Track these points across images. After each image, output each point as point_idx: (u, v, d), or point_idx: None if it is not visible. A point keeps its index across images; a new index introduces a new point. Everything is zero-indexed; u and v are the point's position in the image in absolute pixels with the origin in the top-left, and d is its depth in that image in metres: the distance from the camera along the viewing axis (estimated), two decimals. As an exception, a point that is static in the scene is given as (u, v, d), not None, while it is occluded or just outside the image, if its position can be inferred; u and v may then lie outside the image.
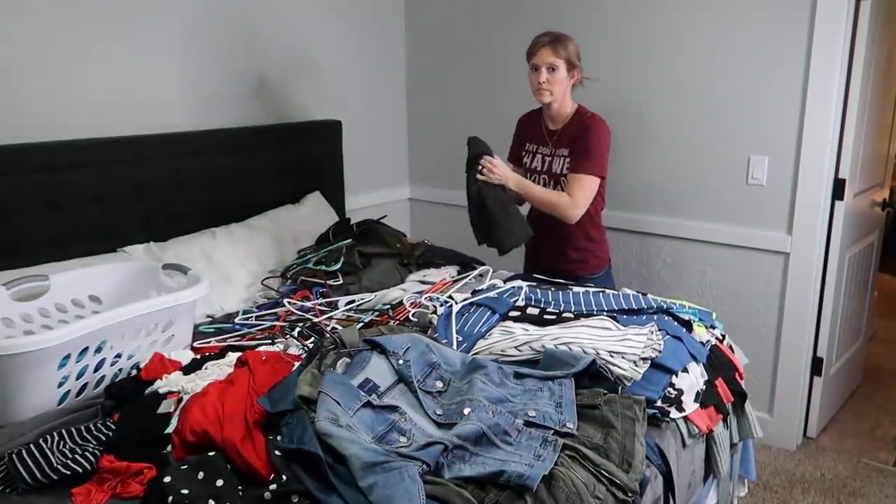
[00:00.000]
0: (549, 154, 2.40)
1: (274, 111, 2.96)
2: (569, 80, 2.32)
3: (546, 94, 2.31)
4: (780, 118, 2.60)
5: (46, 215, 2.17)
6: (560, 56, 2.26)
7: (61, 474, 1.32)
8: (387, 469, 1.22)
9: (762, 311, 2.78)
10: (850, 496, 2.53)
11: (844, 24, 2.43)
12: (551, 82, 2.28)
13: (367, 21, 3.35)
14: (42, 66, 2.21)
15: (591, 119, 2.33)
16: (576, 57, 2.30)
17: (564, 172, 2.34)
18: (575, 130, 2.34)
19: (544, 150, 2.42)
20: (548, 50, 2.26)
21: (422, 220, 3.74)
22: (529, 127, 2.51)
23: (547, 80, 2.27)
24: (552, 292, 2.11)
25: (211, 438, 1.34)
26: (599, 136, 2.29)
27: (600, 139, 2.29)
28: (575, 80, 2.34)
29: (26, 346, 1.46)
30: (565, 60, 2.27)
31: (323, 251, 2.50)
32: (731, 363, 1.97)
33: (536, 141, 2.46)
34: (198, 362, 1.71)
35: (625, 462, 1.38)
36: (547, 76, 2.27)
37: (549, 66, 2.27)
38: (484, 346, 1.76)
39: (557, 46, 2.26)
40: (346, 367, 1.56)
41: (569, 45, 2.28)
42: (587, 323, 1.81)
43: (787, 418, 2.81)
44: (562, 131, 2.38)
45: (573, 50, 2.29)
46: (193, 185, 2.56)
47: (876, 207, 3.13)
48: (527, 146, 2.49)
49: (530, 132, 2.49)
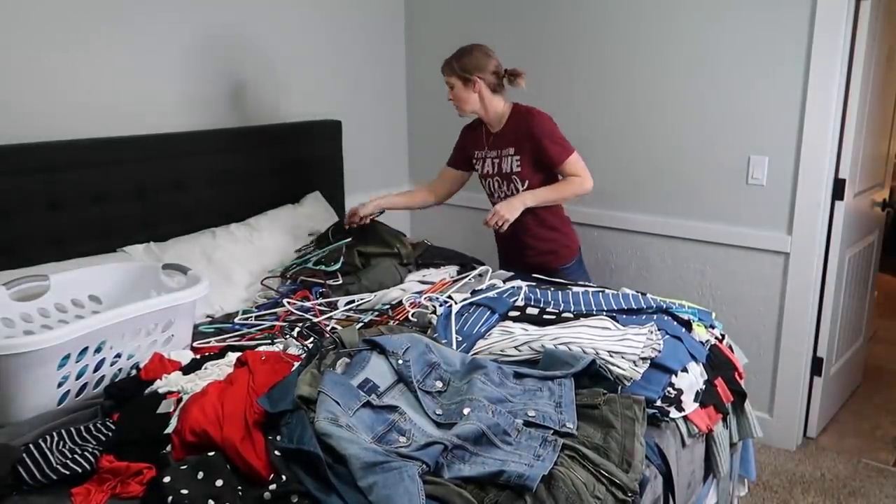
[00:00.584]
0: (495, 157, 2.45)
1: (274, 111, 2.96)
2: (472, 91, 2.37)
3: (459, 110, 2.44)
4: (780, 118, 2.60)
5: (46, 215, 2.17)
6: (451, 74, 2.37)
7: (61, 474, 1.32)
8: (386, 469, 1.23)
9: (762, 311, 2.77)
10: (850, 496, 2.53)
11: (844, 24, 2.43)
12: (455, 98, 2.40)
13: (367, 21, 3.35)
14: (42, 66, 2.21)
15: (530, 113, 2.38)
16: (471, 69, 2.34)
17: (515, 170, 2.40)
18: (517, 128, 2.39)
19: (490, 153, 2.47)
20: (444, 70, 2.39)
21: (422, 220, 3.74)
22: (471, 135, 2.57)
23: (450, 97, 2.41)
24: (552, 292, 2.11)
25: (210, 438, 1.34)
26: (548, 123, 2.37)
27: (550, 125, 2.37)
28: (483, 86, 2.36)
29: (26, 346, 1.46)
30: (457, 77, 2.35)
31: (322, 251, 2.50)
32: (731, 363, 1.97)
33: (479, 147, 2.52)
34: (197, 362, 1.71)
35: (624, 462, 1.38)
36: (450, 94, 2.40)
37: (448, 85, 2.39)
38: (483, 346, 1.76)
39: (446, 67, 2.38)
40: (345, 367, 1.56)
41: (458, 62, 2.35)
42: (587, 323, 1.81)
43: (787, 418, 2.81)
44: (502, 132, 2.43)
45: (466, 63, 2.34)
46: (193, 185, 2.56)
47: (876, 207, 3.13)
48: (475, 154, 2.54)
49: (472, 140, 2.56)
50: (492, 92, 2.39)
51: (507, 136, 2.41)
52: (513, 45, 3.21)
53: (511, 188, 2.43)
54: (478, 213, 3.51)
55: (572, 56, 3.04)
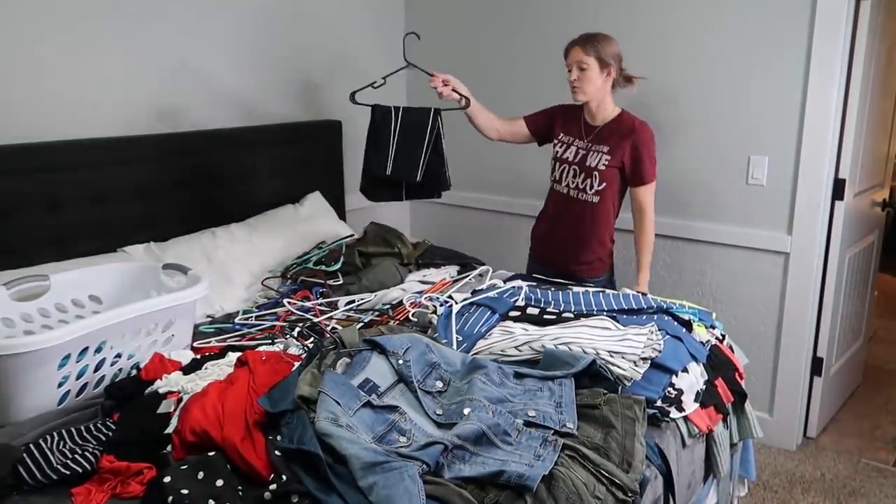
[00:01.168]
0: (584, 148, 2.39)
1: (274, 111, 2.96)
2: (603, 79, 2.29)
3: (579, 94, 2.31)
4: (780, 118, 2.60)
5: (46, 215, 2.17)
6: (589, 54, 2.25)
7: (61, 474, 1.32)
8: (387, 469, 1.22)
9: (762, 311, 2.77)
10: (850, 496, 2.53)
11: (844, 24, 2.43)
12: (582, 80, 2.27)
13: (367, 21, 3.35)
14: (42, 66, 2.21)
15: (643, 124, 2.33)
16: (611, 56, 2.27)
17: (599, 168, 2.33)
18: (621, 131, 2.33)
19: (580, 143, 2.41)
20: (577, 49, 2.27)
21: (422, 220, 3.74)
22: (568, 117, 2.48)
23: (577, 77, 2.27)
24: (552, 292, 2.11)
25: (211, 438, 1.34)
26: (652, 141, 2.34)
27: (653, 145, 2.34)
28: (613, 79, 2.31)
29: (26, 346, 1.46)
30: (596, 58, 2.25)
31: (322, 251, 2.50)
32: (731, 363, 1.97)
33: (572, 133, 2.44)
34: (198, 362, 1.71)
35: (625, 462, 1.38)
36: (577, 74, 2.27)
37: (578, 65, 2.26)
38: (484, 346, 1.76)
39: (587, 45, 2.25)
40: (345, 367, 1.56)
41: (600, 44, 2.26)
42: (587, 323, 1.81)
43: (787, 418, 2.81)
44: (603, 129, 2.36)
45: (607, 48, 2.26)
46: (193, 185, 2.56)
47: (876, 207, 3.13)
48: (562, 135, 2.47)
49: (568, 123, 2.47)
50: (612, 86, 2.34)
51: (607, 135, 2.35)
52: (513, 46, 3.21)
53: (586, 182, 2.37)
54: (478, 213, 3.52)
55: (572, 56, 3.04)
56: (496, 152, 3.37)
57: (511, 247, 3.37)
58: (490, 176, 3.42)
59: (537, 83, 3.17)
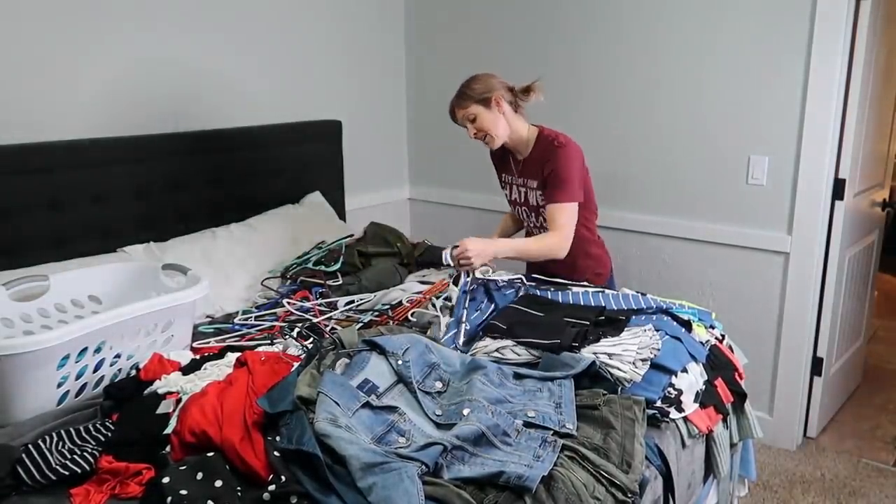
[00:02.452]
0: (521, 185, 2.32)
1: (274, 111, 2.96)
2: (497, 112, 2.17)
3: (492, 141, 2.21)
4: (780, 118, 2.59)
5: (46, 215, 2.17)
6: (467, 105, 2.16)
7: (60, 475, 1.32)
8: (386, 470, 1.22)
9: (762, 311, 2.77)
10: (850, 496, 2.53)
11: (844, 24, 2.43)
12: (482, 129, 2.18)
13: (367, 21, 3.35)
14: (43, 66, 2.21)
15: (556, 145, 2.18)
16: (486, 91, 2.15)
17: (541, 204, 2.26)
18: (540, 158, 2.21)
19: (518, 180, 2.33)
20: (457, 109, 2.19)
21: (422, 220, 3.74)
22: (500, 158, 2.40)
23: (476, 130, 2.19)
24: (552, 292, 2.11)
25: (210, 439, 1.34)
26: (567, 163, 2.16)
27: (568, 165, 2.16)
28: (504, 103, 2.17)
29: (26, 346, 1.46)
30: (477, 102, 2.15)
31: (322, 251, 2.50)
32: (731, 363, 1.97)
33: (507, 171, 2.37)
34: (197, 363, 1.71)
35: (624, 463, 1.37)
36: (473, 128, 2.19)
37: (467, 119, 2.18)
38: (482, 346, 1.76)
39: (461, 100, 2.17)
40: (345, 367, 1.56)
41: (470, 90, 2.16)
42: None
43: (787, 418, 2.81)
44: (527, 160, 2.26)
45: (478, 88, 2.15)
46: (193, 185, 2.56)
47: (876, 207, 3.13)
48: (503, 177, 2.41)
49: (501, 162, 2.39)
50: (513, 111, 2.21)
51: (533, 166, 2.24)
52: (513, 46, 3.21)
53: (540, 220, 2.29)
54: (478, 214, 3.51)
55: (572, 58, 3.04)
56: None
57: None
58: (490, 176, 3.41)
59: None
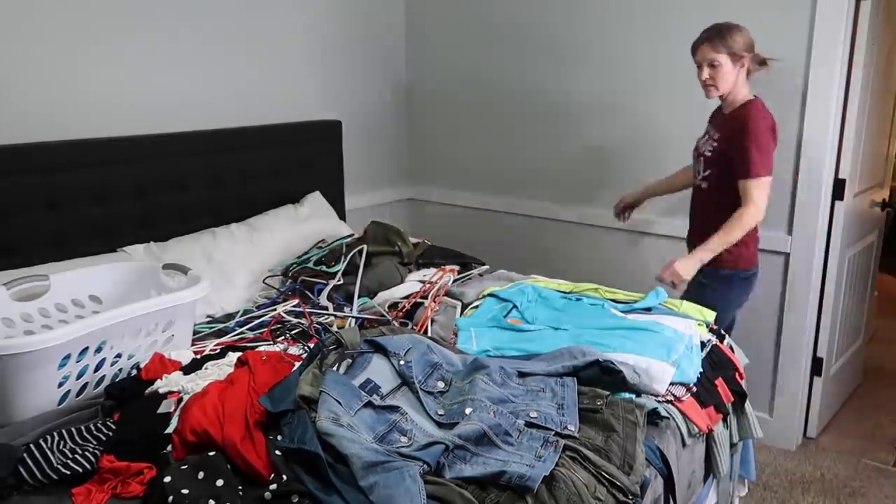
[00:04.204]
0: (709, 135, 2.35)
1: (274, 111, 2.96)
2: (736, 71, 2.21)
3: (712, 90, 2.25)
4: (780, 118, 2.59)
5: (46, 215, 2.16)
6: (720, 51, 2.18)
7: (61, 474, 1.32)
8: (388, 469, 1.23)
9: (762, 311, 2.77)
10: (850, 496, 2.53)
11: (844, 24, 2.43)
12: (714, 78, 2.22)
13: (367, 21, 3.35)
14: (42, 65, 2.21)
15: (751, 117, 2.19)
16: (742, 47, 2.19)
17: (705, 153, 2.30)
18: (734, 120, 2.24)
19: (711, 131, 2.36)
20: (706, 47, 2.21)
21: (422, 220, 3.74)
22: (716, 111, 2.43)
23: (710, 75, 2.22)
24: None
25: (211, 438, 1.34)
26: (762, 126, 2.18)
27: (766, 131, 2.18)
28: (746, 68, 2.23)
29: (26, 346, 1.45)
30: (727, 54, 2.18)
31: (323, 250, 2.50)
32: (731, 363, 1.97)
33: (713, 124, 2.40)
34: (198, 362, 1.71)
35: (626, 464, 1.38)
36: (709, 73, 2.22)
37: (709, 63, 2.21)
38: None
39: (717, 41, 2.19)
40: (347, 367, 1.56)
41: (729, 37, 2.18)
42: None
43: (787, 418, 2.81)
44: (727, 117, 2.30)
45: (738, 41, 2.18)
46: (193, 185, 2.56)
47: (876, 207, 3.13)
48: (707, 127, 2.43)
49: (714, 115, 2.43)
50: (745, 76, 2.25)
51: (727, 122, 2.28)
52: (512, 44, 3.21)
53: (697, 167, 2.33)
54: (478, 214, 3.52)
55: (571, 55, 3.04)
56: (496, 152, 3.37)
57: (511, 247, 3.38)
58: (490, 176, 3.42)
59: (539, 81, 3.17)
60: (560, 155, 3.14)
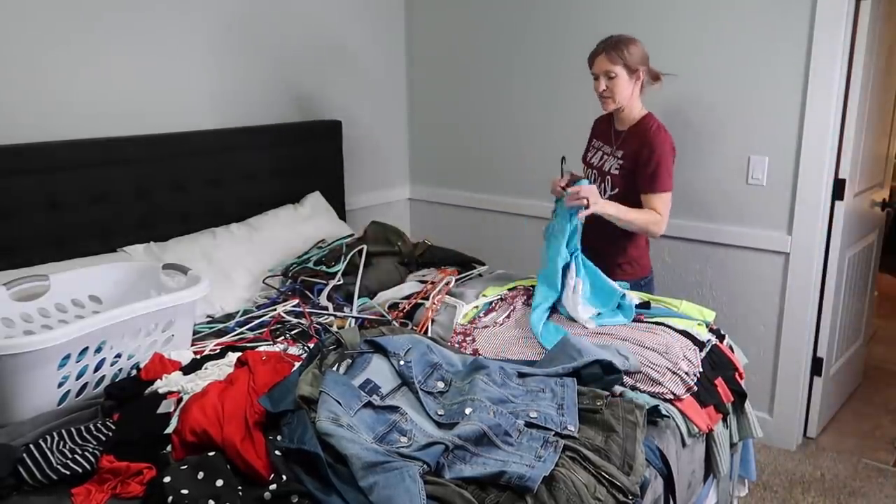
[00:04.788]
0: (609, 153, 2.35)
1: (274, 111, 2.96)
2: (633, 84, 2.23)
3: (609, 103, 2.25)
4: (780, 118, 2.60)
5: (46, 215, 2.16)
6: (616, 63, 2.18)
7: (61, 474, 1.32)
8: (387, 469, 1.23)
9: (762, 311, 2.77)
10: (850, 496, 2.53)
11: (844, 24, 2.43)
12: (611, 90, 2.22)
13: (367, 21, 3.35)
14: (42, 65, 2.21)
15: (660, 129, 2.25)
16: (637, 60, 2.20)
17: (612, 172, 2.29)
18: (637, 140, 2.26)
19: (607, 148, 2.37)
20: (603, 58, 2.21)
21: (422, 220, 3.74)
22: (602, 125, 2.45)
23: (606, 87, 2.22)
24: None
25: (211, 438, 1.34)
26: (668, 148, 2.23)
27: (670, 153, 2.24)
28: (641, 82, 2.26)
29: (26, 346, 1.45)
30: (624, 66, 2.19)
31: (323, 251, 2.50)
32: (731, 363, 1.97)
33: (603, 139, 2.40)
34: (197, 362, 1.71)
35: (625, 465, 1.38)
36: (606, 84, 2.22)
37: (606, 74, 2.21)
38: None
39: (613, 54, 2.19)
40: (347, 367, 1.56)
41: (626, 50, 2.19)
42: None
43: (787, 418, 2.81)
44: (626, 134, 2.31)
45: (634, 53, 2.19)
46: (193, 185, 2.56)
47: (876, 207, 3.13)
48: (594, 142, 2.45)
49: (601, 130, 2.44)
50: (640, 89, 2.27)
51: (627, 143, 2.29)
52: (511, 45, 3.21)
53: (601, 187, 2.31)
54: (478, 214, 3.52)
55: (570, 56, 3.04)
56: (496, 152, 3.37)
57: (511, 247, 3.38)
58: (490, 176, 3.42)
59: (539, 81, 3.17)
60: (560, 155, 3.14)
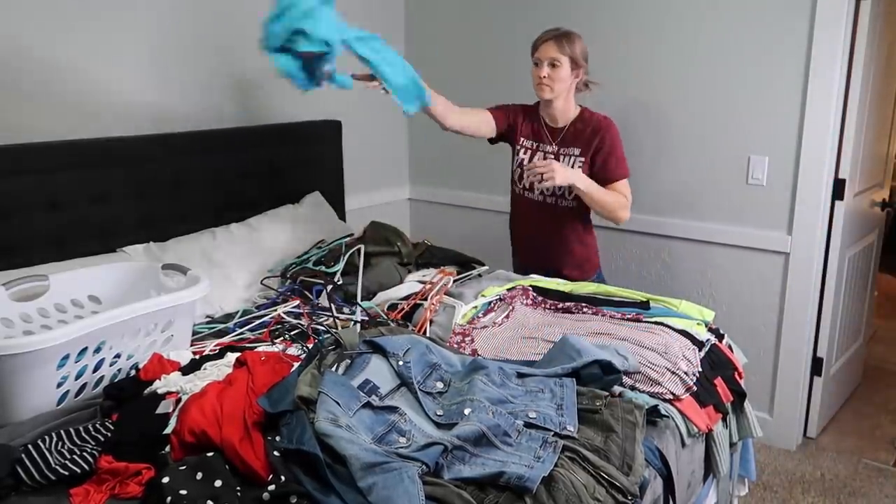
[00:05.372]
0: (553, 153, 2.34)
1: (274, 111, 2.95)
2: (572, 79, 2.26)
3: (546, 90, 2.25)
4: (780, 118, 2.59)
5: (46, 215, 2.16)
6: (564, 52, 2.20)
7: (60, 475, 1.32)
8: (386, 470, 1.22)
9: (762, 311, 2.77)
10: (850, 496, 2.53)
11: (844, 24, 2.43)
12: (552, 78, 2.22)
13: (366, 21, 3.34)
14: (42, 65, 2.21)
15: (606, 121, 2.29)
16: (581, 56, 2.24)
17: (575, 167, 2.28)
18: (588, 132, 2.29)
19: (548, 148, 2.35)
20: (552, 45, 2.21)
21: (422, 220, 3.74)
22: (528, 121, 2.42)
23: (548, 75, 2.22)
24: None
25: (209, 439, 1.34)
26: (617, 138, 2.29)
27: (619, 141, 2.29)
28: (578, 80, 2.29)
29: (26, 346, 1.45)
30: (569, 57, 2.21)
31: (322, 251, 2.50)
32: (731, 363, 1.97)
33: (536, 138, 2.39)
34: (196, 363, 1.71)
35: (625, 465, 1.37)
36: (548, 71, 2.22)
37: (550, 62, 2.22)
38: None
39: (562, 42, 2.20)
40: (346, 368, 1.56)
41: (575, 43, 2.22)
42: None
43: (787, 418, 2.81)
44: (569, 130, 2.32)
45: (579, 48, 2.23)
46: (193, 185, 2.56)
47: (876, 207, 3.13)
48: (523, 141, 2.42)
49: (529, 127, 2.42)
50: (576, 87, 2.31)
51: (576, 137, 2.31)
52: (513, 44, 3.21)
53: (563, 188, 2.31)
54: (478, 214, 3.51)
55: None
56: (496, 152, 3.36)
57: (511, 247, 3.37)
58: (490, 176, 3.42)
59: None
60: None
